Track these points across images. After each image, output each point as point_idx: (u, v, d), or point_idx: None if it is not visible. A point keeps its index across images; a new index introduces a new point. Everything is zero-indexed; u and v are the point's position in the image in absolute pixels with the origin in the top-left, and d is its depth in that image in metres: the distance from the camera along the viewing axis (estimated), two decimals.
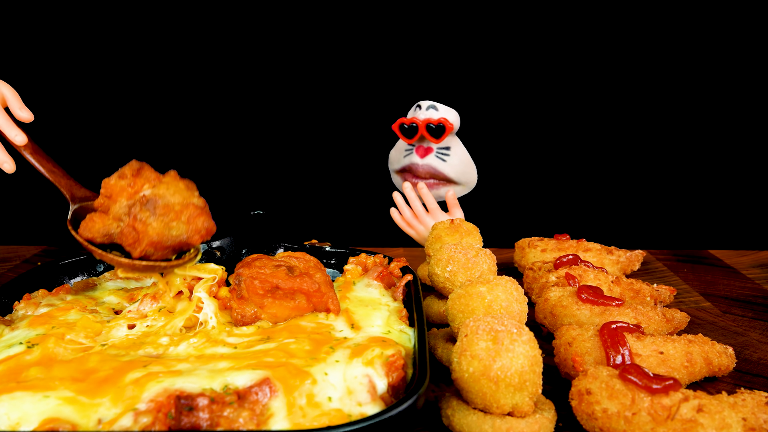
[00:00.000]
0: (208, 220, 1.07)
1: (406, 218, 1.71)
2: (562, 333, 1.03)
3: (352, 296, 1.11)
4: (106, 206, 1.09)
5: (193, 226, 1.04)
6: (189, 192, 1.10)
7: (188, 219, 1.04)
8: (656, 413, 0.79)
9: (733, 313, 1.33)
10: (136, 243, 1.03)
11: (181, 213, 1.05)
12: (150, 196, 1.06)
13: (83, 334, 0.94)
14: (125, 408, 0.74)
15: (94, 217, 1.08)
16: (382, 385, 0.83)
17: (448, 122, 1.61)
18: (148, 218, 1.03)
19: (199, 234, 1.05)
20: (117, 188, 1.09)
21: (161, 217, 1.04)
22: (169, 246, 1.04)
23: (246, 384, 0.78)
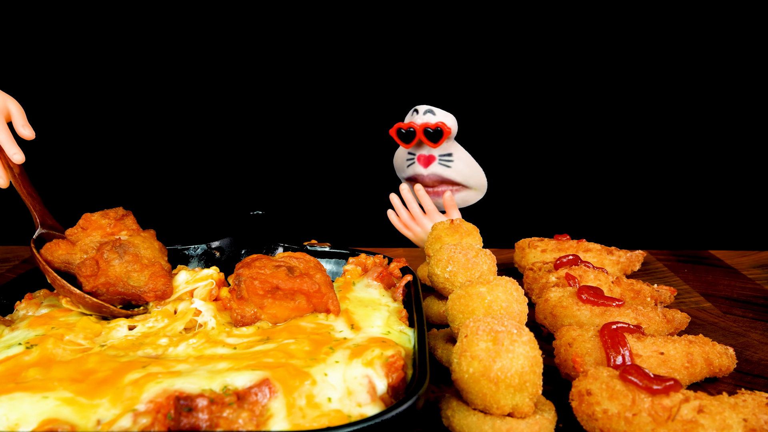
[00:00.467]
0: (168, 284, 1.10)
1: (403, 220, 1.70)
2: (562, 333, 1.03)
3: (352, 297, 1.11)
4: (76, 237, 1.13)
5: (152, 284, 1.08)
6: (160, 253, 1.16)
7: (151, 276, 1.09)
8: (657, 414, 0.78)
9: (733, 313, 1.33)
10: (92, 277, 1.06)
11: (146, 267, 1.09)
12: (124, 242, 1.11)
13: (82, 334, 0.94)
14: (124, 409, 0.74)
15: (60, 243, 1.12)
16: (381, 385, 0.83)
17: (445, 126, 1.60)
18: (114, 260, 1.07)
19: (154, 293, 1.08)
20: (95, 224, 1.14)
21: (126, 264, 1.08)
22: (121, 292, 1.07)
23: (245, 385, 0.78)
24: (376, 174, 1.94)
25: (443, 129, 1.59)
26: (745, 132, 2.11)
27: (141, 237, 1.14)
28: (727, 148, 2.13)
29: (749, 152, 2.13)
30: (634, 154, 2.15)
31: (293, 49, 2.08)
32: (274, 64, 2.10)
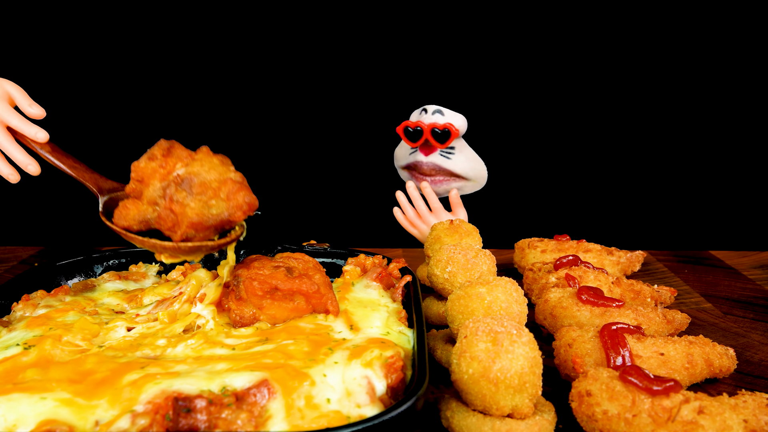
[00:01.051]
0: (249, 195, 1.00)
1: (408, 217, 1.70)
2: (562, 334, 1.03)
3: (351, 297, 1.11)
4: (138, 191, 1.02)
5: (233, 203, 0.98)
6: (224, 167, 1.03)
7: (227, 195, 0.98)
8: (657, 415, 0.78)
9: (734, 314, 1.32)
10: (175, 226, 0.97)
11: (219, 190, 0.98)
12: (184, 175, 0.99)
13: (80, 335, 0.94)
14: (123, 410, 0.74)
15: (128, 204, 1.02)
16: (381, 386, 0.83)
17: (453, 127, 1.60)
18: (185, 199, 0.97)
19: (240, 210, 0.98)
20: (148, 171, 1.01)
21: (198, 196, 0.97)
22: (210, 226, 0.98)
23: (244, 385, 0.78)
24: (376, 174, 1.94)
25: (451, 130, 1.59)
26: (745, 132, 2.11)
27: (198, 161, 1.01)
28: (728, 149, 2.13)
29: (749, 152, 2.13)
30: (634, 155, 2.15)
31: (293, 48, 2.08)
32: (274, 64, 2.09)
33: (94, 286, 1.20)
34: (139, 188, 1.02)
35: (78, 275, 1.27)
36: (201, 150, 1.04)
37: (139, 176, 1.02)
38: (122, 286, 1.22)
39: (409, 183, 1.68)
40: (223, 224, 0.99)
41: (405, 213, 1.71)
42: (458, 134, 1.63)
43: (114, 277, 1.23)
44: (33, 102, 1.18)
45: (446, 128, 1.59)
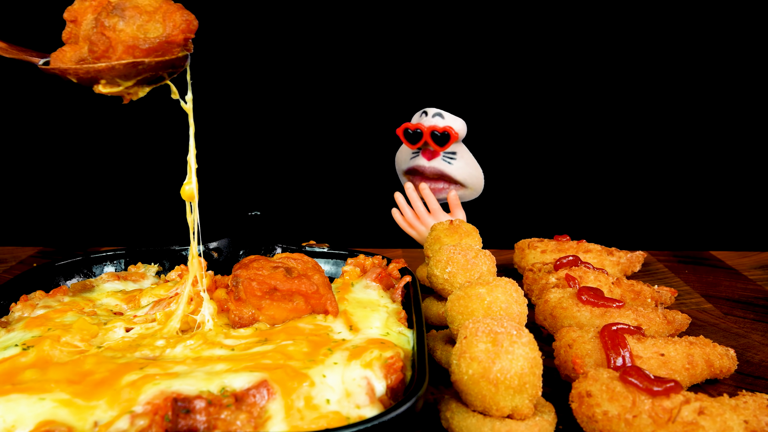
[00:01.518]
0: (187, 13, 0.96)
1: (407, 218, 1.70)
2: (562, 335, 1.02)
3: (351, 298, 1.10)
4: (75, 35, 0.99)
5: (170, 23, 0.94)
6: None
7: (164, 17, 0.94)
8: (657, 416, 0.78)
9: (734, 314, 1.32)
10: (109, 50, 0.92)
11: (154, 13, 0.94)
12: (116, 2, 0.95)
13: (79, 336, 0.94)
14: (121, 410, 0.74)
15: (65, 48, 0.99)
16: (380, 387, 0.83)
17: (453, 131, 1.60)
18: (117, 24, 0.92)
19: (179, 29, 0.95)
20: (81, 10, 0.98)
21: (132, 20, 0.93)
22: (147, 49, 0.93)
23: (243, 386, 0.78)
24: (376, 175, 1.93)
25: (450, 134, 1.60)
26: (745, 133, 2.11)
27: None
28: (728, 149, 2.13)
29: (750, 153, 2.13)
30: (634, 155, 2.15)
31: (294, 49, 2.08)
32: (275, 66, 2.09)
33: (92, 287, 1.19)
34: (75, 31, 0.99)
35: (77, 276, 1.27)
36: None
37: (72, 17, 0.99)
38: (121, 286, 1.22)
39: (408, 184, 1.68)
40: (163, 48, 0.95)
41: (403, 214, 1.71)
42: (458, 137, 1.63)
43: (113, 277, 1.23)
44: None
45: (446, 131, 1.59)
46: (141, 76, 0.97)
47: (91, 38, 0.94)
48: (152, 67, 0.96)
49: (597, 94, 2.09)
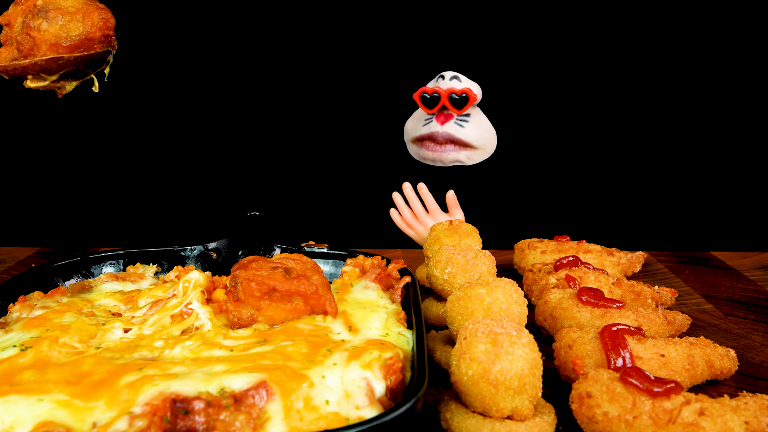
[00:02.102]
0: (105, 12, 1.08)
1: (405, 219, 1.70)
2: (562, 335, 1.02)
3: (350, 298, 1.10)
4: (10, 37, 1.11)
5: (89, 21, 1.06)
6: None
7: (84, 16, 1.06)
8: (657, 417, 0.78)
9: (735, 315, 1.32)
10: (34, 48, 1.04)
11: (76, 13, 1.06)
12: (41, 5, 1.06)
13: (77, 337, 0.93)
14: (120, 411, 0.73)
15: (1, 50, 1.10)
16: (380, 388, 0.83)
17: (471, 92, 1.59)
18: (41, 24, 1.04)
19: (97, 27, 1.06)
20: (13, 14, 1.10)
21: (54, 20, 1.04)
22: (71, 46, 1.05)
23: (242, 387, 0.78)
24: (375, 175, 1.93)
25: (469, 95, 1.59)
26: (746, 133, 2.11)
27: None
28: (728, 149, 2.13)
29: (750, 153, 2.13)
30: (634, 155, 2.15)
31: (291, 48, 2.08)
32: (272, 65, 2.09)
33: (91, 287, 1.19)
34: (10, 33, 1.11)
35: (75, 276, 1.27)
36: None
37: (6, 21, 1.11)
38: (119, 287, 1.21)
39: (406, 184, 1.68)
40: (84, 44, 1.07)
41: (402, 214, 1.70)
42: (476, 99, 1.62)
43: (111, 278, 1.23)
44: None
45: (464, 93, 1.59)
46: (63, 70, 1.07)
47: (17, 38, 1.06)
48: (72, 62, 1.06)
49: (596, 93, 2.08)
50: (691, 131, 2.12)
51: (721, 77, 2.06)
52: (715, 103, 2.09)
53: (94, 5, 1.09)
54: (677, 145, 2.14)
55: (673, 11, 2.01)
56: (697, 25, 2.01)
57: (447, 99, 1.61)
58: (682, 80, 2.07)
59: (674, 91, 2.08)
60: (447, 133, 1.66)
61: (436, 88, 1.63)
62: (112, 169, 2.15)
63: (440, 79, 1.66)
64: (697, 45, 2.03)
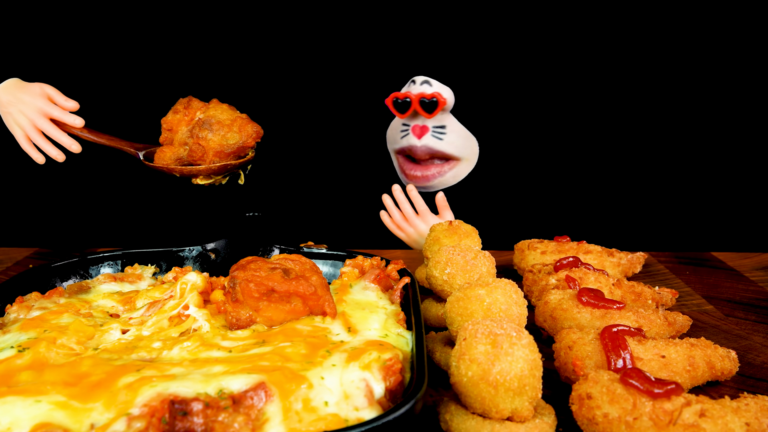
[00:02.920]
0: (256, 126, 1.36)
1: (395, 220, 1.69)
2: (562, 336, 1.02)
3: (349, 299, 1.10)
4: (169, 139, 1.38)
5: (244, 133, 1.33)
6: (232, 110, 1.37)
7: (239, 128, 1.33)
8: (658, 418, 0.78)
9: (736, 316, 1.31)
10: (204, 155, 1.32)
11: (232, 125, 1.33)
12: (204, 119, 1.33)
13: (75, 338, 0.93)
14: (118, 413, 0.73)
15: (164, 149, 1.37)
16: (379, 389, 0.83)
17: (441, 97, 1.61)
18: (207, 135, 1.31)
19: (251, 137, 1.34)
20: (175, 121, 1.37)
21: (217, 132, 1.31)
22: (229, 153, 1.32)
23: (241, 388, 0.77)
24: (374, 175, 1.93)
25: (438, 100, 1.60)
26: (746, 133, 2.11)
27: (212, 108, 1.37)
28: (729, 150, 2.13)
29: (751, 153, 2.12)
30: (635, 155, 2.14)
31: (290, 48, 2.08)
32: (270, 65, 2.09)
33: (89, 288, 1.19)
34: (170, 136, 1.38)
35: (73, 277, 1.26)
36: (213, 101, 1.40)
37: (168, 126, 1.38)
38: (117, 287, 1.21)
39: (395, 186, 1.68)
40: (240, 150, 1.34)
41: (391, 216, 1.70)
42: (446, 104, 1.63)
43: (109, 278, 1.23)
44: (67, 98, 1.45)
45: (434, 97, 1.60)
46: (228, 172, 1.37)
47: (191, 147, 1.33)
48: (235, 166, 1.36)
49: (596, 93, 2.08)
50: (691, 132, 2.12)
51: (721, 78, 2.06)
52: (715, 103, 2.08)
53: (244, 118, 1.36)
54: (677, 146, 2.13)
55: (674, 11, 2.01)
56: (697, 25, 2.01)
57: (418, 103, 1.63)
58: (682, 81, 2.07)
59: (675, 91, 2.08)
60: (426, 147, 1.67)
61: (407, 93, 1.65)
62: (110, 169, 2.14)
63: (411, 84, 1.67)
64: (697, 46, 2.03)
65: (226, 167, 1.33)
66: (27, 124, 1.42)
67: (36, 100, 1.41)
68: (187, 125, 1.35)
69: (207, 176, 1.34)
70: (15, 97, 1.41)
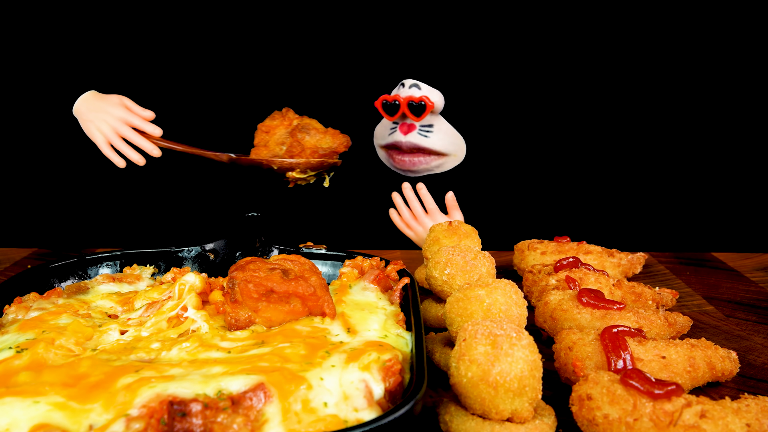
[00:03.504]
0: (346, 136, 1.55)
1: (404, 219, 1.70)
2: (562, 337, 1.02)
3: (348, 300, 1.10)
4: (264, 140, 1.55)
5: (337, 140, 1.53)
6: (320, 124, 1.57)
7: (332, 135, 1.53)
8: (658, 419, 0.77)
9: (736, 316, 1.31)
10: (302, 152, 1.50)
11: (326, 132, 1.53)
12: (303, 123, 1.54)
13: (74, 339, 0.93)
14: (117, 414, 0.73)
15: (260, 148, 1.55)
16: (378, 390, 0.82)
17: (429, 100, 1.63)
18: (305, 137, 1.51)
19: (342, 144, 1.54)
20: (273, 125, 1.55)
21: (314, 135, 1.52)
22: (322, 155, 1.52)
23: (240, 389, 0.77)
24: (373, 176, 1.93)
25: (426, 103, 1.62)
26: (747, 134, 2.10)
27: (305, 118, 1.57)
28: (730, 150, 2.12)
29: (752, 154, 2.12)
30: (635, 156, 2.14)
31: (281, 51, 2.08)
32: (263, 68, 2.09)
33: (87, 289, 1.18)
34: (265, 138, 1.55)
35: (71, 277, 1.26)
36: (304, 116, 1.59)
37: (266, 129, 1.56)
38: (116, 288, 1.20)
39: (405, 184, 1.69)
40: (330, 154, 1.54)
41: (401, 214, 1.70)
42: (433, 107, 1.65)
43: (108, 279, 1.22)
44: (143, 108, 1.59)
45: (422, 101, 1.62)
46: (321, 169, 1.55)
47: (289, 145, 1.52)
48: (327, 165, 1.55)
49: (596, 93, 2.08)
50: (691, 132, 2.11)
51: (721, 78, 2.06)
52: (715, 104, 2.08)
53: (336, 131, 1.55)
54: (678, 146, 2.13)
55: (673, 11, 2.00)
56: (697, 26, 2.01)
57: (406, 106, 1.64)
58: (683, 81, 2.07)
59: (675, 91, 2.08)
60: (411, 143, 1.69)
61: (396, 96, 1.66)
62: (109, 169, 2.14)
63: (401, 87, 1.69)
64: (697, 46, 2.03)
65: (322, 164, 1.52)
66: (109, 131, 1.54)
67: (117, 110, 1.54)
68: (285, 128, 1.53)
69: (303, 171, 1.51)
70: (96, 107, 1.55)
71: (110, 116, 1.53)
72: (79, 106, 1.58)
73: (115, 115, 1.54)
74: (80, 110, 1.57)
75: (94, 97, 1.58)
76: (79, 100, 1.58)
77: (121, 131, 1.54)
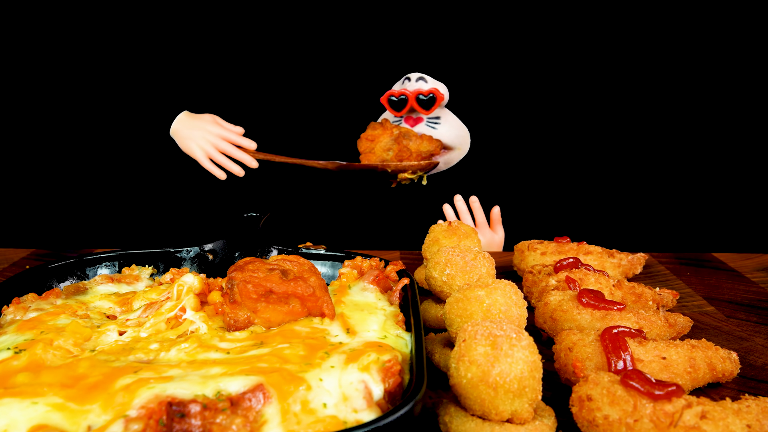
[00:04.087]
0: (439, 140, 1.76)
1: None
2: (562, 338, 1.01)
3: (348, 300, 1.09)
4: (370, 148, 1.72)
5: (433, 144, 1.73)
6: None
7: (428, 141, 1.72)
8: (658, 420, 0.77)
9: (737, 317, 1.31)
10: (410, 156, 1.69)
11: (422, 138, 1.73)
12: (404, 131, 1.72)
13: (72, 339, 0.92)
14: (115, 415, 0.73)
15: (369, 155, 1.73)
16: (378, 391, 0.82)
17: (438, 92, 1.64)
18: (409, 143, 1.70)
19: (438, 147, 1.74)
20: (376, 134, 1.72)
21: (415, 141, 1.71)
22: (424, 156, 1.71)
23: (239, 390, 0.77)
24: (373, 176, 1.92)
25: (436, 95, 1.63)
26: (747, 134, 2.10)
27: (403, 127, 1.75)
28: (730, 151, 2.12)
29: (752, 154, 2.12)
30: (635, 156, 2.14)
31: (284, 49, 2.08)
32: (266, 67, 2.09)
33: (86, 289, 1.18)
34: (370, 146, 1.72)
35: (70, 278, 1.25)
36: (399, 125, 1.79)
37: (370, 138, 1.73)
38: (115, 288, 1.20)
39: (457, 196, 1.74)
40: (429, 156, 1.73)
41: None
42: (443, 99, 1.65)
43: (106, 279, 1.22)
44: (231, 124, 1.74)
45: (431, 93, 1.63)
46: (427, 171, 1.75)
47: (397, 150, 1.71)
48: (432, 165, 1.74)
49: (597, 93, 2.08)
50: (691, 133, 2.11)
51: (721, 79, 2.06)
52: (716, 104, 2.08)
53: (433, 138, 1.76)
54: (678, 147, 2.13)
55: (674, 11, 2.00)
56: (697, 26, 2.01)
57: (415, 100, 1.65)
58: (683, 82, 2.07)
59: (676, 92, 2.08)
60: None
61: (403, 91, 1.67)
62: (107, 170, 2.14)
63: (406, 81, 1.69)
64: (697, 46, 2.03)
65: (431, 165, 1.71)
66: (209, 146, 1.67)
67: (213, 127, 1.67)
68: (389, 136, 1.70)
69: (413, 172, 1.71)
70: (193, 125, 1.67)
71: (208, 133, 1.66)
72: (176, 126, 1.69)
73: (212, 131, 1.66)
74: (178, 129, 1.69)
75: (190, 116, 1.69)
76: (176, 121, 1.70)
77: (220, 146, 1.66)
